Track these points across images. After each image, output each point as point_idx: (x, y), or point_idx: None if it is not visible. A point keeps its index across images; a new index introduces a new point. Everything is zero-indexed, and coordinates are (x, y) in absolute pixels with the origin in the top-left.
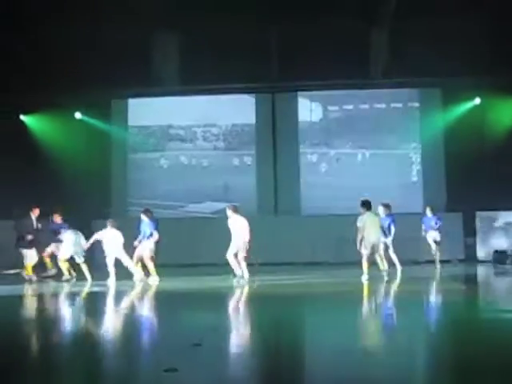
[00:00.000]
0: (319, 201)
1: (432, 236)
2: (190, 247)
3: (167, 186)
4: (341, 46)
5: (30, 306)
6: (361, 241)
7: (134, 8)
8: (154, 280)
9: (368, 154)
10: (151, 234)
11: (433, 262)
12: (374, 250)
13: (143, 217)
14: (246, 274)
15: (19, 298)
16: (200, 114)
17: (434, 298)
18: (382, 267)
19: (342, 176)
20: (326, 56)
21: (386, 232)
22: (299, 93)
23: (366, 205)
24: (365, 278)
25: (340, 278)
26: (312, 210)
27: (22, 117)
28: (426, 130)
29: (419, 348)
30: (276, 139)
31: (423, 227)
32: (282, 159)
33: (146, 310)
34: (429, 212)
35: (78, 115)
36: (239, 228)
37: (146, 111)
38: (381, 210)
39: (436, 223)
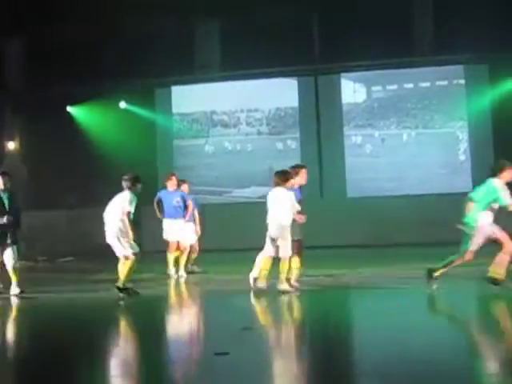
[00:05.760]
0: (365, 182)
1: None
2: (236, 232)
3: (213, 171)
4: (383, 24)
5: None
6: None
7: None
8: None
9: (414, 133)
10: None
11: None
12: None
13: None
14: None
15: None
16: (243, 99)
17: None
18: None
19: (387, 157)
20: (367, 36)
21: None
22: (342, 74)
23: (277, 176)
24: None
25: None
26: (358, 192)
27: (68, 108)
28: (473, 107)
29: None
30: (320, 122)
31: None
32: (326, 142)
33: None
34: None
35: (122, 105)
36: None
37: (190, 98)
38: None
39: None
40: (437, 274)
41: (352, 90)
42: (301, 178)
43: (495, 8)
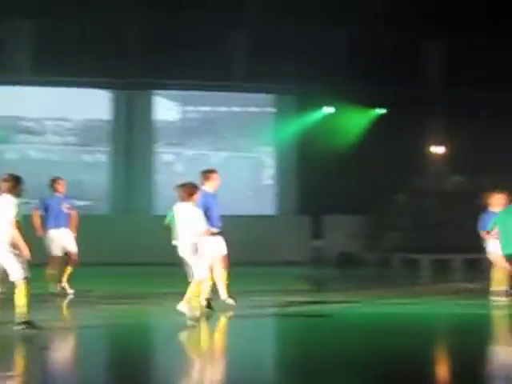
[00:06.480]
0: (175, 201)
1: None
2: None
3: None
4: (200, 46)
5: None
6: None
7: None
8: None
9: (224, 155)
10: None
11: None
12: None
13: None
14: None
15: None
16: (52, 106)
17: None
18: None
19: (198, 176)
20: (184, 56)
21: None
22: (156, 91)
23: (181, 190)
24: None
25: None
26: (167, 210)
27: None
28: (280, 135)
29: None
30: (131, 137)
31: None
32: (136, 157)
33: None
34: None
35: None
36: None
37: None
38: None
39: None
40: None
41: (166, 107)
42: (212, 184)
43: (306, 45)
